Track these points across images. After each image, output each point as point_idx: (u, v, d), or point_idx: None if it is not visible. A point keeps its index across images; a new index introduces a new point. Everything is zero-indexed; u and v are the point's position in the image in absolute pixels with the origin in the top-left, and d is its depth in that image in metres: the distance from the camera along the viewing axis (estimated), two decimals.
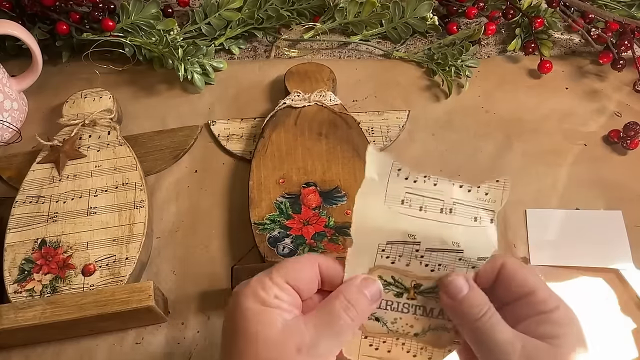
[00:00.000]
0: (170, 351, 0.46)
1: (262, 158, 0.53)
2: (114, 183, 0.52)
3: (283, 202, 0.50)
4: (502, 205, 0.37)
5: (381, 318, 0.36)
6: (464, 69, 0.62)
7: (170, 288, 0.49)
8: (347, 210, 0.49)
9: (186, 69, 0.60)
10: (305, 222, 0.49)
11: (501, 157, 0.57)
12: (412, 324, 0.36)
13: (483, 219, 0.36)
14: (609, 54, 0.61)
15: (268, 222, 0.49)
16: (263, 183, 0.51)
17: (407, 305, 0.37)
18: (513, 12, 0.65)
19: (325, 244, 0.48)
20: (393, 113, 0.59)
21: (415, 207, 0.36)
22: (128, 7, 0.62)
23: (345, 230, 0.48)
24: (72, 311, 0.43)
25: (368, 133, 0.57)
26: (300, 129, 0.55)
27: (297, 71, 0.61)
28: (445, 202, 0.36)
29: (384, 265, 0.36)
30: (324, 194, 0.50)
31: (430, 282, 0.36)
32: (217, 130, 0.60)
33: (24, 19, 0.63)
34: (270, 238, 0.48)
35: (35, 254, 0.48)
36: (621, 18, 0.60)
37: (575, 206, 0.52)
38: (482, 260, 0.35)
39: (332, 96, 0.57)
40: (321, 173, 0.52)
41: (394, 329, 0.36)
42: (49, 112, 0.63)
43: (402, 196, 0.36)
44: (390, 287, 0.37)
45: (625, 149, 0.56)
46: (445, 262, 0.36)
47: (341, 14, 0.66)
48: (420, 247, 0.36)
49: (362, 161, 0.38)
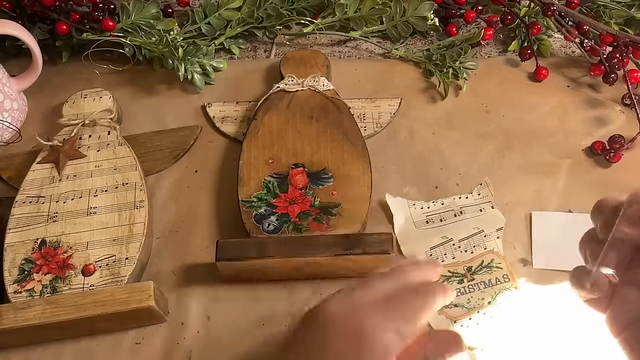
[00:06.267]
0: (170, 351, 0.46)
1: (253, 139, 0.54)
2: (114, 183, 0.52)
3: (271, 182, 0.51)
4: (492, 196, 0.53)
5: (459, 303, 0.46)
6: (461, 71, 0.62)
7: (170, 288, 0.49)
8: (333, 192, 0.51)
9: (186, 69, 0.60)
10: (291, 201, 0.50)
11: (501, 157, 0.57)
12: (482, 297, 0.46)
13: (485, 208, 0.52)
14: (601, 67, 0.61)
15: (255, 200, 0.50)
16: (253, 163, 0.53)
17: (470, 286, 0.47)
18: (511, 17, 0.65)
19: (310, 222, 0.49)
20: (385, 100, 0.60)
21: (437, 221, 0.52)
22: (128, 7, 0.62)
23: (329, 210, 0.49)
24: (71, 311, 0.43)
25: (360, 119, 0.58)
26: (292, 112, 0.56)
27: (293, 57, 0.62)
28: (455, 210, 0.52)
29: None
30: (311, 175, 0.52)
31: (476, 262, 0.49)
32: (212, 112, 0.61)
33: (24, 19, 0.63)
34: (257, 215, 0.49)
35: (35, 254, 0.48)
36: (614, 31, 0.60)
37: (575, 207, 0.52)
38: (500, 230, 0.50)
39: (325, 81, 0.58)
40: (310, 155, 0.53)
41: (471, 307, 0.46)
42: (49, 112, 0.63)
43: (425, 219, 0.52)
44: (452, 278, 0.48)
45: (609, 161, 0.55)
46: (476, 242, 0.50)
47: (341, 9, 0.66)
48: (454, 241, 0.50)
49: (351, 144, 0.53)
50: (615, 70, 0.60)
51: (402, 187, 0.55)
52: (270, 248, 0.46)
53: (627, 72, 0.58)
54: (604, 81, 0.61)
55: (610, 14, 0.65)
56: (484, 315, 0.45)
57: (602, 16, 0.65)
